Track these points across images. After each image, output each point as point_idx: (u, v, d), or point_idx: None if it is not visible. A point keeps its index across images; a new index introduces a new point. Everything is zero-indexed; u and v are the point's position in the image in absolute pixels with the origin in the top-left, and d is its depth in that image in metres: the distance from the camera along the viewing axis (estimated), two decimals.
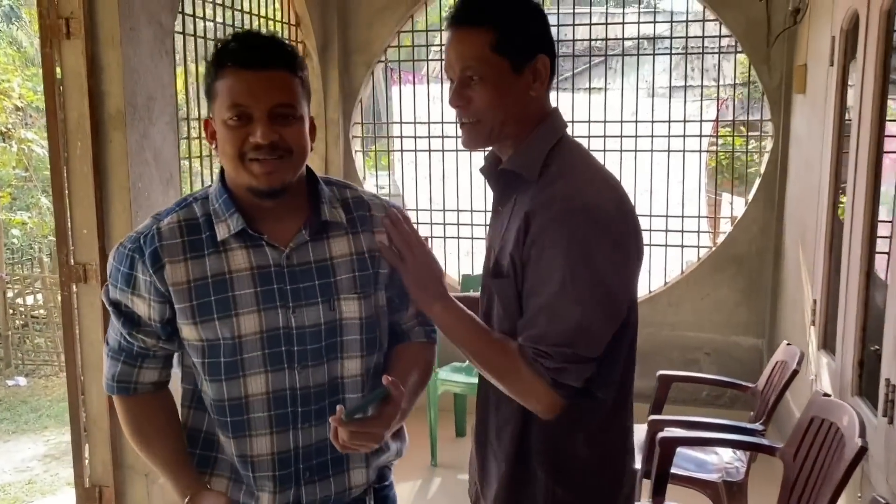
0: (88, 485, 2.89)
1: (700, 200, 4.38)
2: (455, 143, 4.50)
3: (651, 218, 4.29)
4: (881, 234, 2.75)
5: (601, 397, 1.40)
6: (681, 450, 2.56)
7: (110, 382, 1.44)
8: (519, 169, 1.41)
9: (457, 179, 4.57)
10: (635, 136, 4.26)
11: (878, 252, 2.74)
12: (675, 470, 2.51)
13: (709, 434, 2.72)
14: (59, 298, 2.91)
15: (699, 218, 4.41)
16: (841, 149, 3.02)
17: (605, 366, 1.38)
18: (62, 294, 2.84)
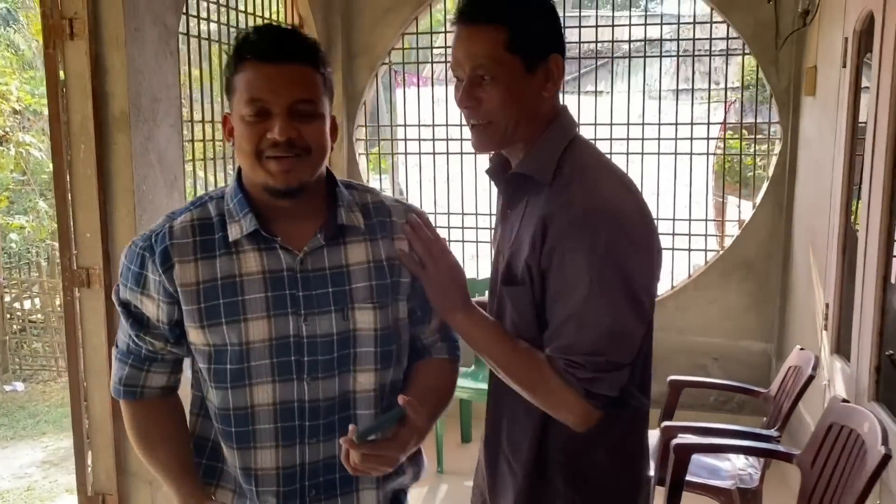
0: (91, 493, 2.84)
1: (707, 204, 4.34)
2: (460, 146, 4.47)
3: (658, 221, 4.24)
4: None
5: (634, 404, 1.36)
6: (693, 456, 2.52)
7: (117, 386, 1.39)
8: (532, 172, 1.36)
9: (461, 182, 4.52)
10: (642, 139, 4.23)
11: None
12: (687, 477, 2.46)
13: (725, 441, 2.68)
14: (57, 303, 2.87)
15: (706, 221, 4.38)
16: (854, 151, 2.98)
17: (635, 371, 1.34)
18: (65, 299, 2.79)
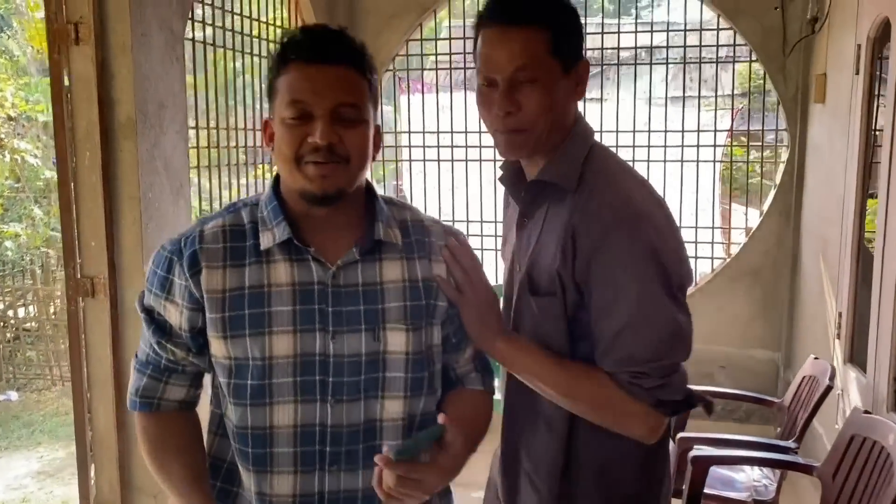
0: None
1: (714, 211, 4.33)
2: (465, 153, 4.44)
3: None
4: None
5: (696, 405, 1.33)
6: None
7: (133, 398, 1.32)
8: (556, 179, 1.33)
9: (466, 189, 4.50)
10: (648, 146, 4.21)
11: None
12: None
13: (744, 453, 2.65)
14: (52, 311, 2.81)
15: (713, 229, 4.36)
16: (868, 159, 2.96)
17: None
18: (69, 308, 2.74)
